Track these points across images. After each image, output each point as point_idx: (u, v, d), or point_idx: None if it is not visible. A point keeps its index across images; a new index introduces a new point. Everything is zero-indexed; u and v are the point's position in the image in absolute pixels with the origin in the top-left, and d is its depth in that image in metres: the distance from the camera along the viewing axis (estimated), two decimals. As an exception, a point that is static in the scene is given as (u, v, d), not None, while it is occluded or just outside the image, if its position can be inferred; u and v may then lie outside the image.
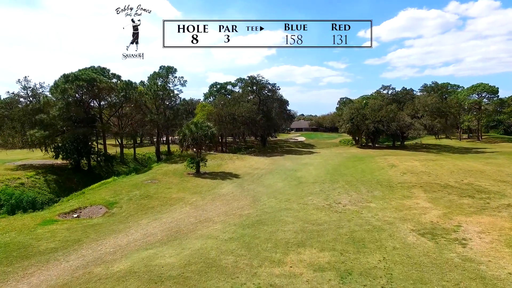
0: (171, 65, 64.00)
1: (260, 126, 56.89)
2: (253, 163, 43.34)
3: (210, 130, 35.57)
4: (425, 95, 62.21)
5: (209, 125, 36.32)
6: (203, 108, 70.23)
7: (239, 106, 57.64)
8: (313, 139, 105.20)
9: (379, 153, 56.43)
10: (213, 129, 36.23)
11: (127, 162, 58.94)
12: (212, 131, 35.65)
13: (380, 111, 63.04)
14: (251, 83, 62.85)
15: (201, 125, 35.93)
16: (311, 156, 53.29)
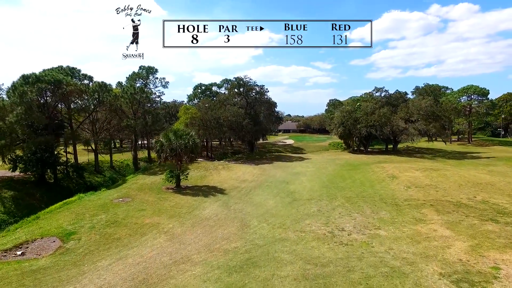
0: (151, 65, 59.55)
1: (248, 132, 53.04)
2: (240, 174, 39.37)
3: (192, 139, 31.40)
4: (419, 99, 59.72)
5: (191, 133, 32.12)
6: (186, 111, 65.73)
7: (224, 109, 53.61)
8: (301, 142, 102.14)
9: (374, 159, 53.47)
10: (195, 137, 32.05)
11: (103, 170, 53.95)
12: (194, 140, 31.49)
13: (373, 114, 60.21)
14: (238, 85, 58.85)
15: (182, 133, 31.71)
16: (303, 164, 49.74)
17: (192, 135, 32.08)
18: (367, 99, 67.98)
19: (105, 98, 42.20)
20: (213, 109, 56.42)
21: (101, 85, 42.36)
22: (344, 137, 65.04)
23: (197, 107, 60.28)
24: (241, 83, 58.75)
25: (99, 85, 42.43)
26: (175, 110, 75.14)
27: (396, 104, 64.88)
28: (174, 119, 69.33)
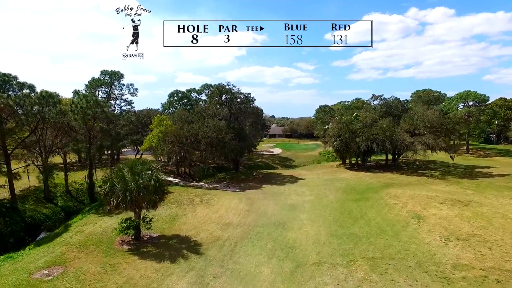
0: (116, 70, 50.28)
1: (231, 150, 44.72)
2: (222, 212, 30.89)
3: (155, 177, 22.86)
4: (423, 108, 53.19)
5: (153, 168, 23.56)
6: (160, 123, 56.68)
7: (203, 123, 45.03)
8: (290, 151, 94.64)
9: (378, 180, 46.24)
10: (158, 174, 23.50)
11: (55, 197, 44.36)
12: (157, 179, 22.93)
13: (373, 126, 53.13)
14: (219, 93, 50.41)
15: (141, 169, 23.08)
16: (297, 189, 41.76)
17: (154, 171, 23.46)
18: (367, 109, 60.91)
19: (49, 114, 32.91)
20: (191, 122, 47.74)
21: (44, 97, 32.98)
22: (340, 151, 57.68)
23: (172, 118, 51.41)
24: (223, 91, 50.33)
25: (41, 96, 33.03)
26: (149, 119, 65.79)
27: (397, 114, 58.13)
28: (148, 130, 60.07)
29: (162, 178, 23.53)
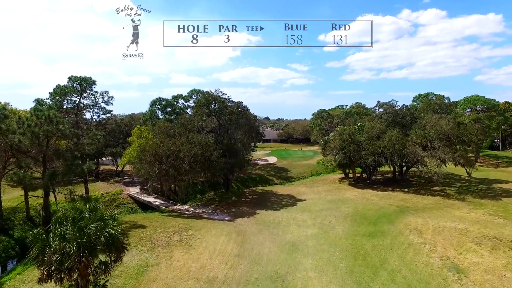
0: (87, 76, 43.53)
1: (220, 168, 38.32)
2: (205, 259, 24.40)
3: (108, 230, 16.43)
4: (436, 118, 47.39)
5: (108, 218, 17.13)
6: (140, 134, 50.11)
7: (187, 137, 38.54)
8: (286, 160, 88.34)
9: (389, 201, 40.26)
10: (114, 226, 17.06)
11: (13, 225, 37.84)
12: (112, 232, 16.49)
13: (381, 138, 47.19)
14: (206, 102, 43.98)
15: (89, 221, 16.62)
16: (298, 217, 35.43)
17: (109, 221, 17.02)
18: (372, 117, 54.95)
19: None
20: (174, 136, 41.26)
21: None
22: (343, 165, 51.66)
23: (153, 131, 44.90)
24: (210, 99, 43.92)
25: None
26: (131, 128, 59.06)
27: (406, 124, 52.30)
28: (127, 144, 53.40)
29: (119, 238, 17.02)
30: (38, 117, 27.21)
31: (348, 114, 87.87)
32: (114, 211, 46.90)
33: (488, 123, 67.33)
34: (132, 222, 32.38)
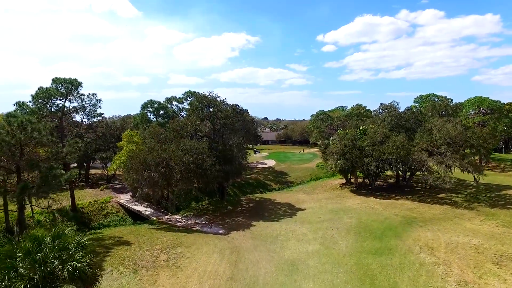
0: (73, 78, 40.87)
1: (214, 177, 35.75)
2: (194, 283, 21.76)
3: (69, 265, 13.82)
4: (442, 121, 44.95)
5: (73, 247, 14.57)
6: (131, 139, 47.53)
7: (179, 144, 35.92)
8: (284, 164, 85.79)
9: (393, 210, 37.77)
10: (83, 258, 14.44)
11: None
12: (72, 268, 13.86)
13: (384, 143, 44.71)
14: (200, 106, 41.35)
15: (51, 250, 14.02)
16: (297, 230, 32.87)
17: (74, 251, 14.45)
18: (374, 121, 52.41)
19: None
20: (165, 142, 38.64)
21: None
22: (344, 171, 49.16)
23: (143, 136, 42.32)
24: (204, 102, 41.30)
25: None
26: (122, 131, 56.40)
27: (410, 128, 49.83)
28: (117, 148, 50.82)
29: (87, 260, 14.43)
30: (9, 124, 24.57)
31: (349, 116, 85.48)
32: (102, 220, 44.39)
33: (493, 125, 64.94)
34: (116, 237, 29.75)
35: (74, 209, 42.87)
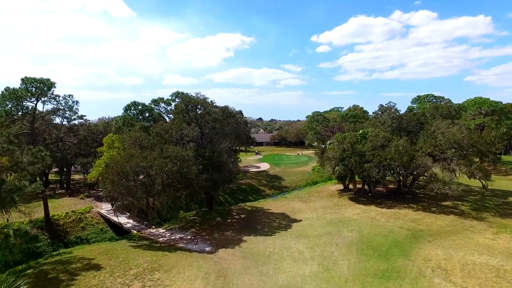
0: (45, 77, 37.07)
1: (200, 186, 32.27)
2: (171, 322, 18.37)
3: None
4: (446, 124, 41.97)
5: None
6: (112, 144, 43.80)
7: (161, 150, 32.36)
8: (279, 167, 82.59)
9: (397, 222, 34.63)
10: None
11: None
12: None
13: (386, 148, 41.64)
14: (185, 108, 37.69)
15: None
16: (292, 247, 29.52)
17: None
18: (374, 123, 49.27)
19: None
20: (148, 148, 35.04)
21: None
22: (343, 178, 46.00)
23: (122, 142, 38.69)
24: (191, 105, 37.62)
25: None
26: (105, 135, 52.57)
27: (412, 130, 46.86)
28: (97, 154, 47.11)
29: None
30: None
31: (345, 117, 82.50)
32: (80, 233, 40.55)
33: (494, 127, 62.34)
34: (86, 259, 26.10)
35: (48, 222, 39.03)
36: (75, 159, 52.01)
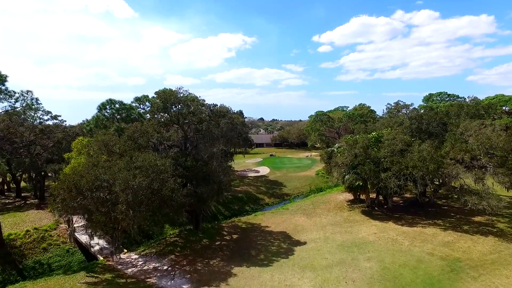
0: None
1: (179, 205, 25.58)
2: None
3: None
4: (477, 124, 35.23)
5: None
6: (81, 150, 37.19)
7: (130, 159, 25.68)
8: (280, 171, 75.81)
9: (425, 245, 27.83)
10: None
11: None
12: None
13: (407, 154, 34.84)
14: (163, 107, 30.91)
15: None
16: (294, 284, 22.79)
17: None
18: (390, 124, 42.37)
19: None
20: (118, 154, 28.41)
21: None
22: (355, 189, 39.25)
23: (86, 146, 32.13)
24: (168, 104, 30.72)
25: None
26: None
27: (434, 132, 40.08)
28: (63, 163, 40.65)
29: None
30: None
31: (351, 117, 75.63)
32: (40, 256, 33.77)
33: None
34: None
35: (1, 243, 32.47)
36: (45, 165, 45.52)
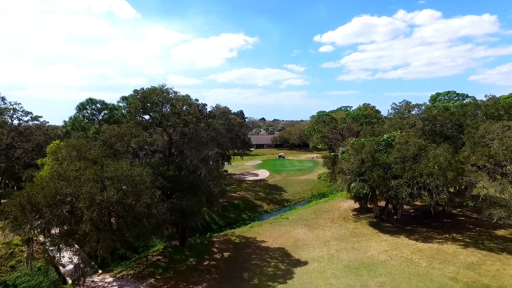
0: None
1: (159, 223, 21.62)
2: None
3: None
4: (500, 126, 31.28)
5: None
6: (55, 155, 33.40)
7: (100, 168, 21.83)
8: (280, 175, 71.90)
9: (447, 267, 23.85)
10: None
11: None
12: None
13: (421, 159, 30.86)
14: (142, 107, 27.04)
15: None
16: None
17: None
18: (400, 125, 38.36)
19: None
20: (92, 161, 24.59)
21: None
22: (362, 198, 35.32)
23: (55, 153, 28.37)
24: (148, 104, 26.92)
25: None
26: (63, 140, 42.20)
27: (449, 135, 36.09)
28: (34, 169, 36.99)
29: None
30: None
31: (356, 117, 71.60)
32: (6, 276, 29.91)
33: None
34: None
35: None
36: (23, 170, 41.83)
